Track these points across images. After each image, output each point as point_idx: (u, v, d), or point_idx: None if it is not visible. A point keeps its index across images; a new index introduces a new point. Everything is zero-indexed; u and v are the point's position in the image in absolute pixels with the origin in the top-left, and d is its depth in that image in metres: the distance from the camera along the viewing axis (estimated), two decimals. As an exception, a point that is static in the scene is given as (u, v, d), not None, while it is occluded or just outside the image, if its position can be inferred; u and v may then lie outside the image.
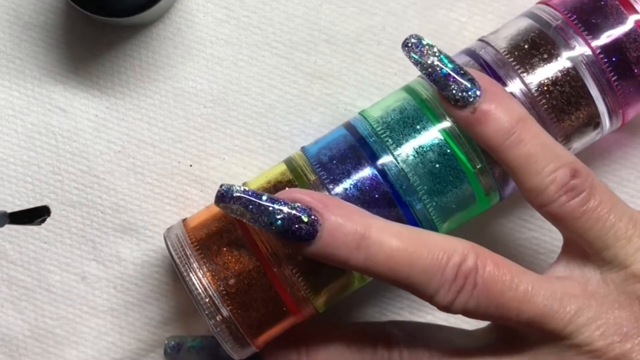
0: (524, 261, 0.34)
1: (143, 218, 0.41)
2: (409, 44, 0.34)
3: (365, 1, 0.42)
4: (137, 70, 0.41)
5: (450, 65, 0.33)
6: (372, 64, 0.42)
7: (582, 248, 0.34)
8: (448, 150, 0.35)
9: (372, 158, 0.35)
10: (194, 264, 0.34)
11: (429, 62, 0.33)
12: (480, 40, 0.38)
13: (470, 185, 0.35)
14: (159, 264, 0.41)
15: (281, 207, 0.32)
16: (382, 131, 0.35)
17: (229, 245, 0.35)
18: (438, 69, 0.33)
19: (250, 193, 0.32)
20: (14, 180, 0.41)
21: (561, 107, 0.36)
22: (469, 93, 0.33)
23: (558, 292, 0.33)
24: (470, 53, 0.37)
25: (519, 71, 0.36)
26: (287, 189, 0.33)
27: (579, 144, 0.37)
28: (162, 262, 0.41)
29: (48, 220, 0.41)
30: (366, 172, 0.35)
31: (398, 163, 0.35)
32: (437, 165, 0.35)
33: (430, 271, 0.32)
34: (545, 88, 0.35)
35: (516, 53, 0.36)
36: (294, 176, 0.36)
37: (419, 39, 0.34)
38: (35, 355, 0.41)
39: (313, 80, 0.41)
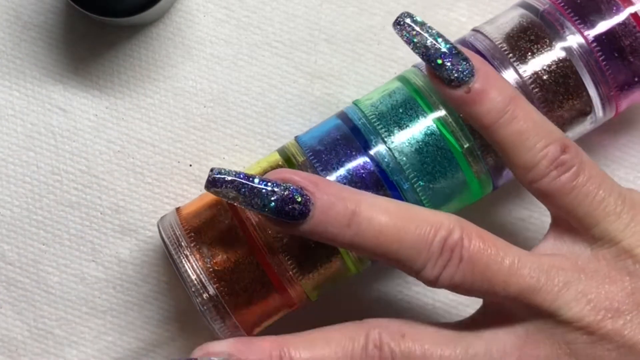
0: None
1: (142, 218, 0.41)
2: (402, 23, 0.33)
3: (365, 1, 0.42)
4: (137, 70, 0.41)
5: (444, 45, 0.33)
6: (372, 64, 0.42)
7: (571, 226, 0.34)
8: (436, 131, 0.35)
9: (362, 142, 0.35)
10: (183, 242, 0.35)
11: (422, 41, 0.33)
12: (474, 30, 0.38)
13: (459, 167, 0.35)
14: (158, 264, 0.41)
15: (274, 189, 0.32)
16: (372, 116, 0.36)
17: (220, 229, 0.35)
18: (432, 48, 0.33)
19: (241, 176, 0.32)
20: (13, 181, 0.41)
21: (554, 94, 0.36)
22: (464, 73, 0.33)
23: (545, 265, 0.33)
24: (463, 42, 0.37)
25: (511, 59, 0.36)
26: (276, 169, 0.33)
27: (571, 133, 0.37)
28: (161, 262, 0.41)
29: (47, 221, 0.41)
30: (356, 155, 0.35)
31: (387, 145, 0.35)
32: (426, 146, 0.35)
33: (417, 246, 0.32)
34: (537, 75, 0.36)
35: (508, 41, 0.36)
36: (283, 160, 0.36)
37: (412, 17, 0.33)
38: (35, 355, 0.41)
39: (313, 80, 0.42)
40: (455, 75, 0.33)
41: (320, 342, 0.33)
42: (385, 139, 0.35)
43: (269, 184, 0.32)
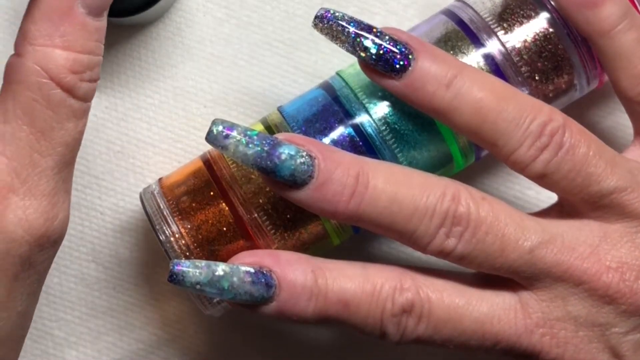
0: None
1: (143, 218, 0.41)
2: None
3: (366, 0, 0.42)
4: (137, 70, 0.41)
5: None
6: (372, 63, 0.42)
7: None
8: None
9: (345, 112, 0.35)
10: (165, 212, 0.35)
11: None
12: (459, 0, 0.38)
13: (442, 136, 0.35)
14: (158, 264, 0.41)
15: (379, 39, 0.32)
16: (357, 88, 0.35)
17: (202, 198, 0.35)
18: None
19: (353, 23, 0.33)
20: (13, 182, 0.41)
21: (538, 64, 0.35)
22: None
23: (635, 169, 0.33)
24: (447, 12, 0.37)
25: (497, 30, 0.36)
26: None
27: (556, 103, 0.37)
28: (162, 262, 0.41)
29: (47, 222, 0.41)
30: (338, 125, 0.35)
31: (370, 115, 0.35)
32: (408, 116, 0.35)
33: (516, 121, 0.32)
34: (522, 46, 0.35)
35: (495, 14, 0.36)
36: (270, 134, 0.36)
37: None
38: (34, 356, 0.41)
39: (314, 80, 0.41)
40: None
41: (404, 181, 0.32)
42: (368, 109, 0.35)
43: (372, 33, 0.33)
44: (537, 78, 0.36)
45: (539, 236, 0.32)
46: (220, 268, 0.32)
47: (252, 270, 0.32)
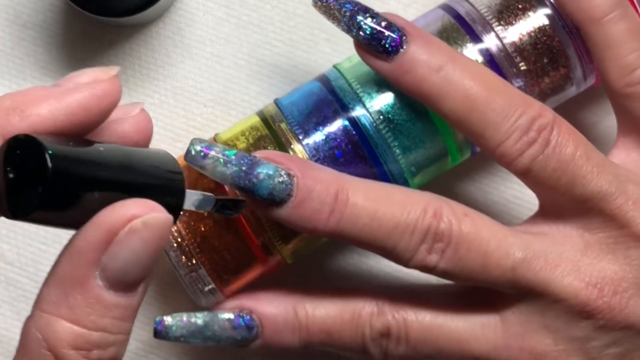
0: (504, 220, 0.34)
1: (142, 218, 0.41)
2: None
3: (366, 0, 0.41)
4: (137, 69, 0.41)
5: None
6: (373, 63, 0.42)
7: None
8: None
9: (342, 106, 0.35)
10: None
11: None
12: None
13: (437, 129, 0.35)
14: (158, 265, 0.41)
15: (374, 23, 0.33)
16: (352, 79, 0.35)
17: (196, 187, 0.35)
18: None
19: (350, 3, 0.33)
20: (13, 181, 0.41)
21: (536, 60, 0.35)
22: None
23: (622, 176, 0.32)
24: (444, 6, 0.37)
25: (493, 23, 0.36)
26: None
27: (553, 99, 0.37)
28: (162, 262, 0.41)
29: (47, 221, 0.41)
30: (337, 122, 0.35)
31: (366, 108, 0.35)
32: (404, 108, 0.35)
33: (504, 113, 0.31)
34: (519, 41, 0.35)
35: (491, 7, 0.36)
36: (265, 126, 0.36)
37: None
38: (33, 355, 0.41)
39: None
40: None
41: (384, 198, 0.32)
42: (363, 99, 0.35)
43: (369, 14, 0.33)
44: (533, 71, 0.36)
45: (521, 253, 0.32)
46: (201, 319, 0.33)
47: (231, 316, 0.33)
